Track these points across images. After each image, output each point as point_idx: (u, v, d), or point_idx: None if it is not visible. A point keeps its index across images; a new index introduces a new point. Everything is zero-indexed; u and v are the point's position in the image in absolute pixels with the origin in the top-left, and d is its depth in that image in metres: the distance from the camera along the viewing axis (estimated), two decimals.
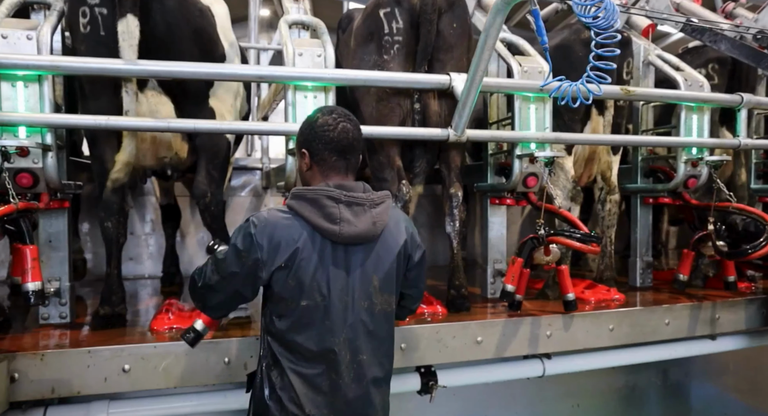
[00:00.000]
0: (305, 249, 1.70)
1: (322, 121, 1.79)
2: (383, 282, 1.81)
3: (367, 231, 1.74)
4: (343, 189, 1.74)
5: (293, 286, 1.71)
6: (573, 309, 3.01)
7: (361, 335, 1.77)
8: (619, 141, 3.71)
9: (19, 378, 2.28)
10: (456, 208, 3.03)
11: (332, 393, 1.74)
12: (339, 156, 1.79)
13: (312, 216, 1.71)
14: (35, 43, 2.43)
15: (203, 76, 2.60)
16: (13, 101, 2.41)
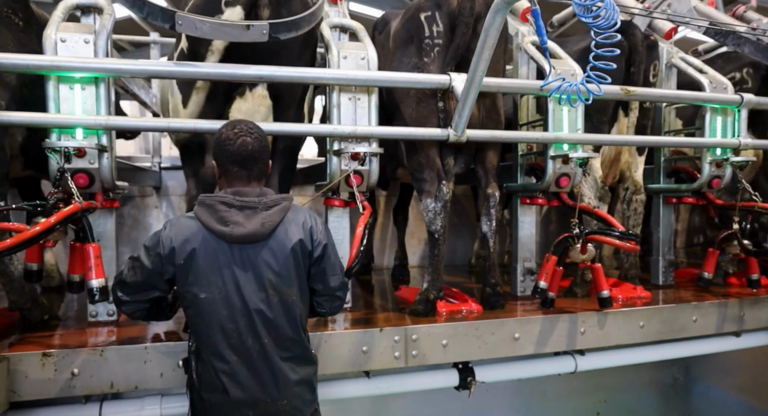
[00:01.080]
0: (202, 248, 1.92)
1: (224, 135, 2.01)
2: (278, 275, 1.97)
3: (255, 232, 1.93)
4: (237, 194, 1.98)
5: (192, 281, 1.93)
6: (608, 306, 3.08)
7: (260, 323, 1.95)
8: (620, 141, 3.70)
9: (79, 374, 2.33)
10: (493, 207, 3.10)
11: (245, 374, 1.94)
12: (240, 167, 2.00)
13: (208, 220, 1.93)
14: (92, 46, 2.49)
15: (204, 76, 2.63)
16: (71, 103, 2.47)
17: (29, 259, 2.39)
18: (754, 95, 3.65)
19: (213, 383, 1.94)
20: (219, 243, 1.93)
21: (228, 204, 1.95)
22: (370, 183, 2.91)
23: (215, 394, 1.94)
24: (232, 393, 1.92)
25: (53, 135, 2.46)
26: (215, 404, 1.95)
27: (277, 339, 1.99)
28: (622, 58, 3.57)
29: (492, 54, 2.46)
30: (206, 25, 2.37)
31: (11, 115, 2.41)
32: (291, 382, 2.00)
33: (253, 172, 2.03)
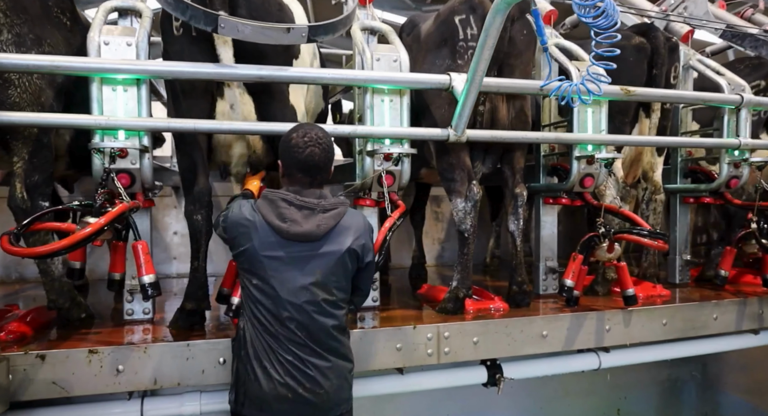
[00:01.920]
0: (259, 240, 2.03)
1: (294, 141, 2.09)
2: (326, 276, 2.07)
3: (310, 232, 2.03)
4: (298, 194, 2.08)
5: (248, 267, 2.07)
6: (633, 304, 3.14)
7: (304, 318, 2.04)
8: (621, 141, 3.61)
9: (124, 370, 2.38)
10: (520, 207, 3.15)
11: (287, 362, 2.03)
12: (304, 174, 2.10)
13: (267, 214, 2.04)
14: (135, 48, 2.53)
15: (204, 76, 2.58)
16: (114, 104, 2.50)
17: (72, 258, 2.43)
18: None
19: (260, 358, 2.05)
20: (275, 237, 2.03)
21: (289, 201, 2.05)
22: (402, 183, 2.96)
23: (260, 368, 2.04)
24: (276, 374, 2.02)
25: (96, 136, 2.50)
26: (260, 377, 2.04)
27: (318, 336, 2.07)
28: (644, 60, 3.63)
29: (491, 54, 2.45)
30: (248, 28, 2.41)
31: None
32: (329, 378, 2.07)
33: (316, 179, 2.13)
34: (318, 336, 2.07)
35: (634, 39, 3.66)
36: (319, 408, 2.08)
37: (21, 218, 2.50)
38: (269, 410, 2.05)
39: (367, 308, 3.21)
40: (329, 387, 2.08)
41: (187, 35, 2.61)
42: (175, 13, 2.43)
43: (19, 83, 2.46)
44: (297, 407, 2.05)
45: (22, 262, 4.60)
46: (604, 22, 1.79)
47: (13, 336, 2.49)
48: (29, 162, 2.55)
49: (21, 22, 2.46)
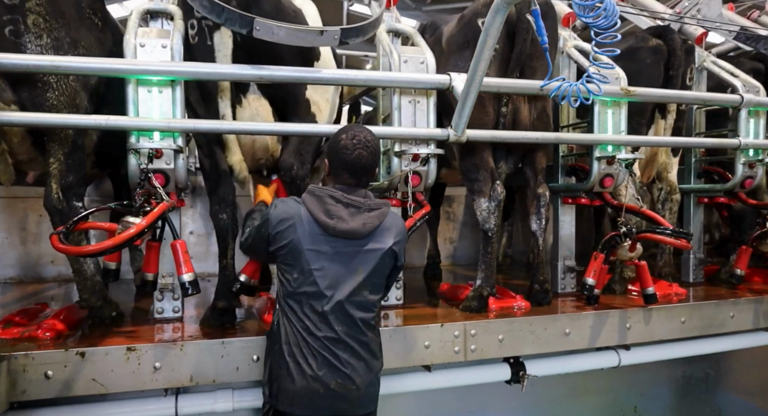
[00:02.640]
0: (303, 234, 2.05)
1: (343, 143, 2.12)
2: (368, 273, 2.10)
3: (356, 230, 2.06)
4: (345, 192, 2.10)
5: (290, 261, 2.08)
6: (653, 302, 3.19)
7: (341, 314, 2.07)
8: (617, 141, 3.48)
9: (161, 367, 2.42)
10: (543, 207, 3.20)
11: (321, 357, 2.04)
12: (350, 175, 2.13)
13: (314, 210, 2.06)
14: (169, 50, 2.56)
15: (203, 76, 2.60)
16: (149, 105, 2.54)
17: (108, 258, 2.47)
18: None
19: (294, 353, 2.06)
20: (320, 232, 2.06)
21: (336, 199, 2.08)
22: (428, 183, 3.01)
23: (294, 363, 2.06)
24: (309, 369, 2.04)
25: (133, 136, 2.53)
26: (293, 372, 2.06)
27: (354, 332, 2.10)
28: (661, 62, 3.69)
29: (491, 54, 2.46)
30: (282, 31, 2.45)
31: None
32: (361, 374, 2.10)
33: (361, 181, 2.17)
34: (354, 333, 2.10)
35: (652, 41, 3.71)
36: (350, 404, 2.11)
37: (56, 218, 2.55)
38: (301, 404, 2.08)
39: (392, 306, 3.26)
40: (361, 383, 2.10)
41: (202, 43, 2.66)
42: (210, 16, 2.47)
43: (57, 86, 2.51)
44: (329, 402, 2.07)
45: (39, 263, 4.64)
46: (604, 22, 1.79)
47: (50, 333, 2.52)
48: (65, 163, 2.59)
49: (59, 26, 2.51)
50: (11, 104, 2.53)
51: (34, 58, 2.40)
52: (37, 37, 2.45)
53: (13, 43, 2.41)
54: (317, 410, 2.08)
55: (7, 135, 2.58)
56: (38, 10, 2.44)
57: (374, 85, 2.90)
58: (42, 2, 2.44)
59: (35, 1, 2.43)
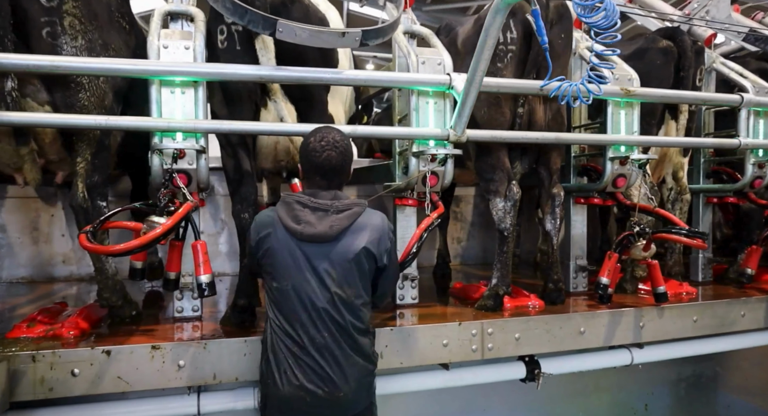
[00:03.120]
0: (277, 242, 2.09)
1: (312, 146, 2.14)
2: (341, 275, 2.09)
3: (323, 233, 2.07)
4: (313, 196, 2.13)
5: (270, 272, 2.12)
6: (664, 301, 3.22)
7: (325, 319, 2.07)
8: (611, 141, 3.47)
9: (185, 365, 2.44)
10: (558, 207, 3.23)
11: (308, 364, 2.05)
12: (321, 177, 2.15)
13: (284, 217, 2.10)
14: (192, 52, 2.59)
15: (203, 75, 2.59)
16: (172, 106, 2.57)
17: (134, 258, 2.49)
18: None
19: (280, 362, 2.08)
20: (292, 239, 2.08)
21: (303, 204, 2.11)
22: (444, 183, 3.03)
23: (280, 372, 2.08)
24: (294, 378, 2.05)
25: (156, 137, 2.56)
26: (278, 380, 2.08)
27: (338, 337, 2.10)
28: (671, 63, 3.72)
29: (491, 54, 2.46)
30: (305, 32, 2.48)
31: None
32: (348, 380, 2.10)
33: (333, 182, 2.18)
34: (338, 338, 2.09)
35: (662, 42, 3.75)
36: (338, 409, 2.11)
37: (81, 217, 2.58)
38: (289, 411, 2.09)
39: (407, 305, 3.29)
40: (348, 390, 2.10)
41: (231, 47, 2.70)
42: (233, 18, 2.49)
43: (89, 87, 2.55)
44: (316, 409, 2.08)
45: (51, 262, 4.65)
46: (604, 22, 1.79)
47: (75, 332, 2.54)
48: (91, 162, 2.63)
49: (93, 29, 2.56)
50: (45, 105, 2.57)
51: (35, 58, 2.38)
52: (73, 38, 2.49)
53: (50, 44, 2.45)
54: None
55: (39, 135, 2.61)
56: (74, 13, 2.48)
57: (374, 84, 2.91)
58: (78, 5, 2.48)
59: (72, 4, 2.46)
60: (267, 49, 2.64)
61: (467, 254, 5.80)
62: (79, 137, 2.57)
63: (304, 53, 2.71)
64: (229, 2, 2.46)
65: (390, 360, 2.72)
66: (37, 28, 2.44)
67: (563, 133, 3.34)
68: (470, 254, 5.80)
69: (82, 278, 4.67)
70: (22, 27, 2.41)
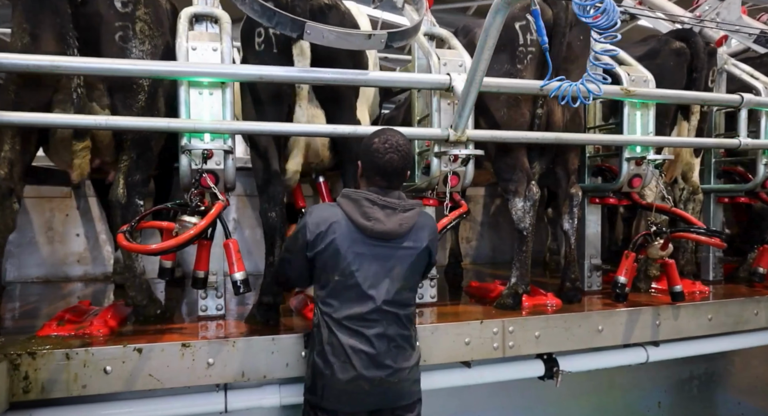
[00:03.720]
0: (341, 237, 2.12)
1: (375, 147, 2.17)
2: (404, 272, 2.18)
3: (393, 230, 2.13)
4: (381, 194, 2.16)
5: (331, 265, 2.13)
6: (681, 300, 3.26)
7: (383, 312, 2.13)
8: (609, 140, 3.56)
9: (214, 363, 2.47)
10: (576, 206, 3.28)
11: (367, 353, 2.11)
12: (382, 178, 2.18)
13: (351, 212, 2.13)
14: (220, 54, 2.62)
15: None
16: (200, 107, 2.60)
17: (165, 257, 2.51)
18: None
19: (337, 354, 2.12)
20: (358, 234, 2.12)
21: (372, 201, 2.14)
22: (465, 183, 3.07)
23: (337, 364, 2.11)
24: (352, 368, 2.09)
25: (184, 138, 2.59)
26: (337, 372, 2.11)
27: (396, 329, 2.18)
28: (684, 64, 3.77)
29: (491, 54, 2.48)
30: (333, 34, 2.51)
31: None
32: (403, 369, 2.18)
33: (393, 183, 2.22)
34: (396, 329, 2.17)
35: (675, 44, 3.79)
36: (394, 396, 2.19)
37: (118, 213, 2.64)
38: (347, 402, 2.15)
39: (427, 304, 3.33)
40: (403, 377, 2.18)
41: (268, 51, 2.75)
42: (261, 20, 2.53)
43: (147, 88, 2.62)
44: (374, 397, 2.15)
45: (66, 262, 4.68)
46: (604, 22, 1.80)
47: (104, 330, 2.57)
48: (135, 161, 2.71)
49: (158, 35, 2.66)
50: (105, 109, 2.66)
51: (35, 58, 2.40)
52: (141, 42, 2.60)
53: (121, 48, 2.55)
54: (364, 406, 2.17)
55: (97, 137, 2.68)
56: (145, 19, 2.59)
57: (374, 85, 2.93)
58: (149, 11, 2.59)
59: (143, 10, 2.58)
60: (303, 54, 2.68)
61: (477, 254, 5.84)
62: (127, 137, 2.65)
63: (338, 58, 2.75)
64: (257, 5, 2.49)
65: None
66: (110, 32, 2.56)
67: (564, 133, 3.25)
68: (480, 254, 5.85)
69: (97, 278, 4.71)
70: (94, 31, 2.53)
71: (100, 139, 2.73)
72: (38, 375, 2.26)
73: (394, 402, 2.21)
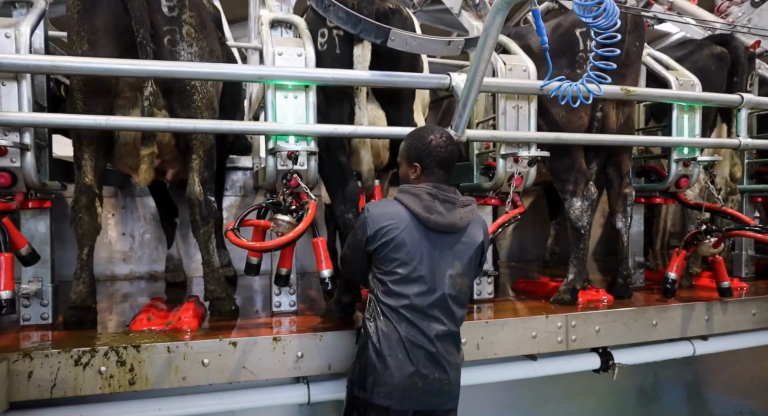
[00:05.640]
0: (405, 229, 2.15)
1: (435, 142, 2.23)
2: (463, 266, 2.21)
3: (454, 224, 2.18)
4: (439, 189, 2.21)
5: (393, 258, 2.15)
6: (728, 295, 3.41)
7: (443, 306, 2.17)
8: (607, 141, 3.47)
9: (303, 356, 2.57)
10: (629, 206, 3.41)
11: (423, 349, 2.13)
12: (444, 170, 2.26)
13: (413, 206, 2.17)
14: (304, 58, 2.73)
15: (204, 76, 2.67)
16: (285, 110, 2.70)
17: (252, 254, 2.60)
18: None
19: (393, 349, 2.12)
20: (420, 227, 2.17)
21: (433, 195, 2.19)
22: (527, 184, 3.19)
23: (393, 358, 2.12)
24: (409, 364, 2.11)
25: (271, 140, 2.69)
26: (392, 367, 2.12)
27: (451, 324, 2.21)
28: (725, 69, 3.91)
29: (492, 54, 2.50)
30: (415, 41, 2.63)
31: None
32: (454, 365, 2.21)
33: (449, 175, 2.30)
34: (452, 327, 2.20)
35: (716, 48, 3.93)
36: (443, 398, 2.19)
37: (197, 209, 2.75)
38: (398, 398, 2.12)
39: (484, 300, 3.44)
40: (454, 378, 2.21)
41: (330, 50, 2.85)
42: (345, 27, 2.64)
43: (201, 89, 2.68)
44: (425, 396, 2.15)
45: (112, 261, 4.76)
46: (604, 22, 1.79)
47: (192, 325, 2.66)
48: (203, 159, 2.81)
49: (203, 37, 2.71)
50: (162, 109, 2.74)
51: (36, 59, 2.46)
52: (189, 45, 2.65)
53: (170, 51, 2.61)
54: (413, 404, 2.16)
55: (158, 137, 2.76)
56: (191, 22, 2.64)
57: (374, 85, 2.91)
58: (194, 15, 2.65)
59: (189, 14, 2.63)
60: (365, 54, 2.78)
61: (504, 252, 5.97)
62: (193, 136, 2.75)
63: (398, 59, 2.85)
64: (342, 12, 2.61)
65: (486, 351, 2.87)
66: (160, 36, 2.61)
67: (562, 134, 3.24)
68: (508, 252, 5.99)
69: (142, 276, 4.79)
70: None
71: (160, 138, 2.82)
72: (142, 368, 2.36)
73: (443, 405, 2.21)
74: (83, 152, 2.68)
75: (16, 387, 2.23)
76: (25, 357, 2.24)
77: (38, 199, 2.73)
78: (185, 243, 4.73)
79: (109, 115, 2.63)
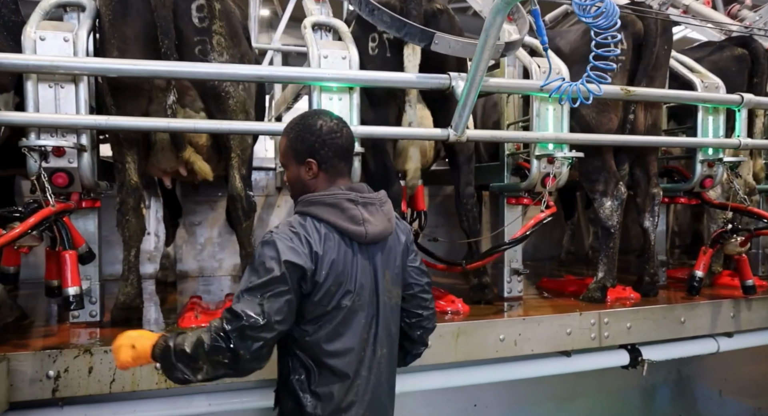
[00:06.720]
0: (336, 253, 1.67)
1: (327, 127, 1.74)
2: (393, 276, 1.82)
3: (385, 229, 1.77)
4: (353, 191, 1.75)
5: (333, 292, 1.66)
6: (752, 293, 3.49)
7: (385, 330, 1.78)
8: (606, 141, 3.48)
9: None
10: (657, 205, 3.49)
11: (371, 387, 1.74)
12: (345, 161, 1.79)
13: (338, 221, 1.68)
14: (348, 61, 2.79)
15: (204, 76, 2.65)
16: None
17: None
18: None
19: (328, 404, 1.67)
20: (351, 245, 1.71)
21: (352, 200, 1.72)
22: (559, 184, 3.26)
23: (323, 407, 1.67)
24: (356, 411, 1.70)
25: None
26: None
27: (394, 352, 1.86)
28: (745, 70, 3.99)
29: (492, 54, 2.48)
30: (458, 44, 2.69)
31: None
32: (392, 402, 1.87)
33: (350, 166, 1.86)
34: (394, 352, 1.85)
35: (737, 50, 4.01)
36: None
37: (239, 204, 2.82)
38: None
39: (514, 298, 3.52)
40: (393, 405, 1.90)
41: (381, 54, 2.95)
42: (390, 31, 2.71)
43: (234, 94, 2.78)
44: None
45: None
46: (604, 22, 1.78)
47: None
48: (241, 157, 2.88)
49: (234, 45, 2.79)
50: (200, 112, 2.81)
51: (35, 58, 2.46)
52: (219, 54, 2.71)
53: (201, 60, 2.68)
54: None
55: (194, 138, 2.82)
56: (221, 32, 2.70)
57: (374, 85, 2.91)
58: (224, 24, 2.70)
59: (219, 24, 2.69)
60: (414, 57, 2.85)
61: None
62: (231, 137, 2.82)
63: (446, 61, 2.91)
64: (386, 16, 2.67)
65: (522, 348, 2.94)
66: (190, 46, 2.68)
67: (550, 133, 3.20)
68: (522, 251, 6.04)
69: None
70: (177, 47, 2.64)
71: (196, 139, 2.87)
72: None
73: None
74: (125, 155, 2.73)
75: (76, 382, 2.28)
76: (86, 352, 2.29)
77: (90, 198, 2.78)
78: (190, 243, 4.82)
79: None
